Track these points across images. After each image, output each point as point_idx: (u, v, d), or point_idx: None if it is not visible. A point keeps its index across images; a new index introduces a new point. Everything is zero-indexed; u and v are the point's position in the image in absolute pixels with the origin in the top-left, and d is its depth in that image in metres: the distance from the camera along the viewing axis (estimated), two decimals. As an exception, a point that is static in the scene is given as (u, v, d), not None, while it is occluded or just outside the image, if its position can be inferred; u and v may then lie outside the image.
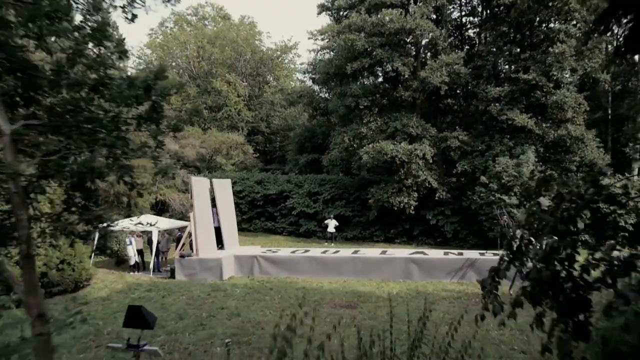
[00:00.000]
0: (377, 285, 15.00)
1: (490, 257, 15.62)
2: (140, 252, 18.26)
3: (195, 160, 35.93)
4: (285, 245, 24.12)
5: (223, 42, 42.37)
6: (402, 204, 22.98)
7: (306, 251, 17.40)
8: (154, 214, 22.71)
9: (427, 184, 23.16)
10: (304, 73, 32.67)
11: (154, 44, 44.51)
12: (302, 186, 28.09)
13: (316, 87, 34.56)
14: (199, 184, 17.19)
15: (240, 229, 28.63)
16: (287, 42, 44.49)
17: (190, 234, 16.69)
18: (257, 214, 28.65)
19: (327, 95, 33.01)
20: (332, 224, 24.34)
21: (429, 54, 26.52)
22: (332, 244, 24.10)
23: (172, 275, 16.60)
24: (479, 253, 16.28)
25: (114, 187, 20.60)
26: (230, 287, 14.94)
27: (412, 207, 23.09)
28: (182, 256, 16.53)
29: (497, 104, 22.92)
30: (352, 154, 24.72)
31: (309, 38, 56.79)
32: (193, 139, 32.78)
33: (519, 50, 24.77)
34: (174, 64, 44.51)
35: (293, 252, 17.29)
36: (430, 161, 22.93)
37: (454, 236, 23.66)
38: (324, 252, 17.14)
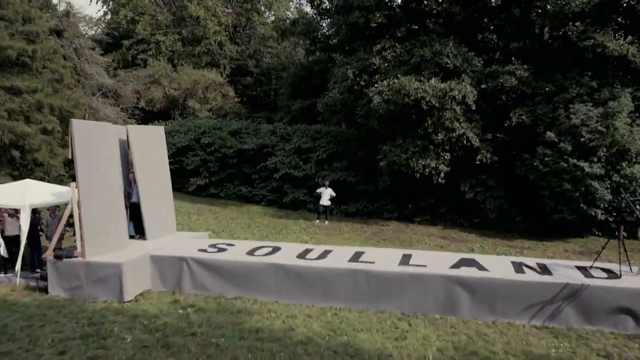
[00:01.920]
0: (392, 332, 8.03)
1: (604, 281, 8.37)
2: (13, 241, 11.42)
3: (166, 104, 28.80)
4: (261, 222, 17.26)
5: (202, -44, 33.82)
6: (427, 170, 15.84)
7: (274, 251, 10.40)
8: (66, 174, 15.75)
9: (464, 141, 15.90)
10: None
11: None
12: (289, 140, 20.88)
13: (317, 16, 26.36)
14: (90, 132, 9.97)
15: (208, 195, 21.83)
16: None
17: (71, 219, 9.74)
18: (229, 176, 21.65)
19: (327, 22, 24.89)
20: (326, 194, 17.38)
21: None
22: (326, 222, 17.28)
23: (45, 287, 9.86)
24: (579, 269, 9.11)
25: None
26: (122, 325, 8.11)
27: (442, 175, 15.98)
28: (58, 257, 9.69)
29: (577, 24, 15.19)
30: (358, 96, 17.28)
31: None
32: (155, 75, 25.29)
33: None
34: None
35: (251, 251, 10.32)
36: (473, 107, 15.53)
37: (499, 217, 16.57)
38: (303, 253, 10.15)
